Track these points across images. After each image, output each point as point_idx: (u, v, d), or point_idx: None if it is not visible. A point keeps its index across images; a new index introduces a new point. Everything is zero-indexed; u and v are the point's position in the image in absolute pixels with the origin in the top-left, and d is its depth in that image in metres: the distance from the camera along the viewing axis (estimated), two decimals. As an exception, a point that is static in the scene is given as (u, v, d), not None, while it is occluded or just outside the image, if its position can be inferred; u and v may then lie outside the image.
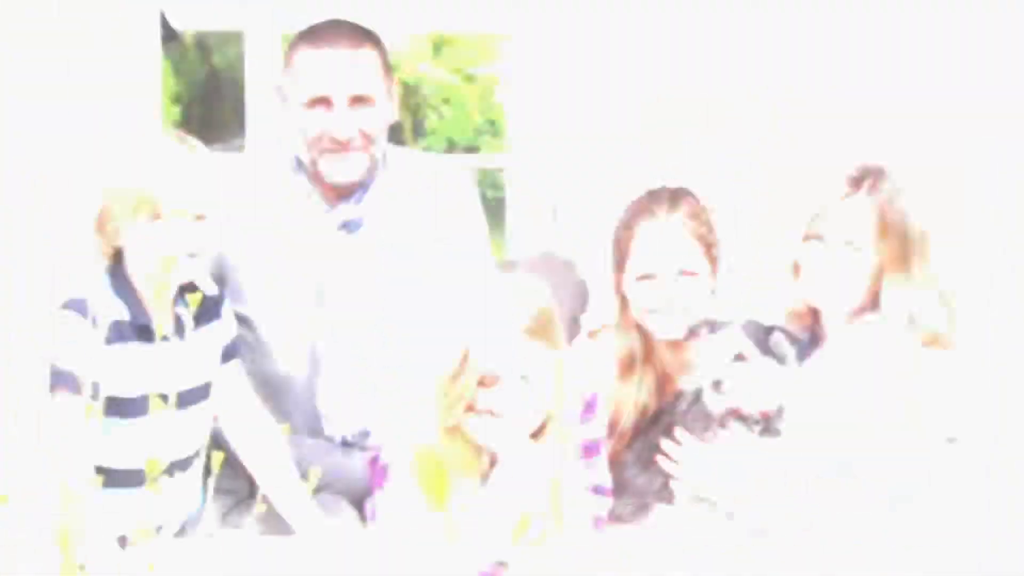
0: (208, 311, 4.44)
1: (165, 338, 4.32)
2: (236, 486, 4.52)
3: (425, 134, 7.43)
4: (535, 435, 4.29)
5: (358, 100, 4.75)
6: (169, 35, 6.13)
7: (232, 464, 4.41)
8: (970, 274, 4.38)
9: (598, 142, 6.49)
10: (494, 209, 5.76)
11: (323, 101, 4.75)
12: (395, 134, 4.91)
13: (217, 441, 4.41)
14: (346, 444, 4.81)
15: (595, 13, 6.58)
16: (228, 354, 4.51)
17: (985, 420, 4.39)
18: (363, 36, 4.83)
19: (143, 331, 4.30)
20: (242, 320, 4.68)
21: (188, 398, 4.36)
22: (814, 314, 4.71)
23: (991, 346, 4.24)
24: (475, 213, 5.03)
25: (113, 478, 4.12)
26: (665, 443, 4.56)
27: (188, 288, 4.31)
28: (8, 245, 4.09)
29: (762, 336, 4.58)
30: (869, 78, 6.26)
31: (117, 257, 4.36)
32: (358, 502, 4.61)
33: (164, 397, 4.12)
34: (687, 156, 6.49)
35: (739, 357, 4.58)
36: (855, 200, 4.61)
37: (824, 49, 6.43)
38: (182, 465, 4.38)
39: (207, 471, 4.33)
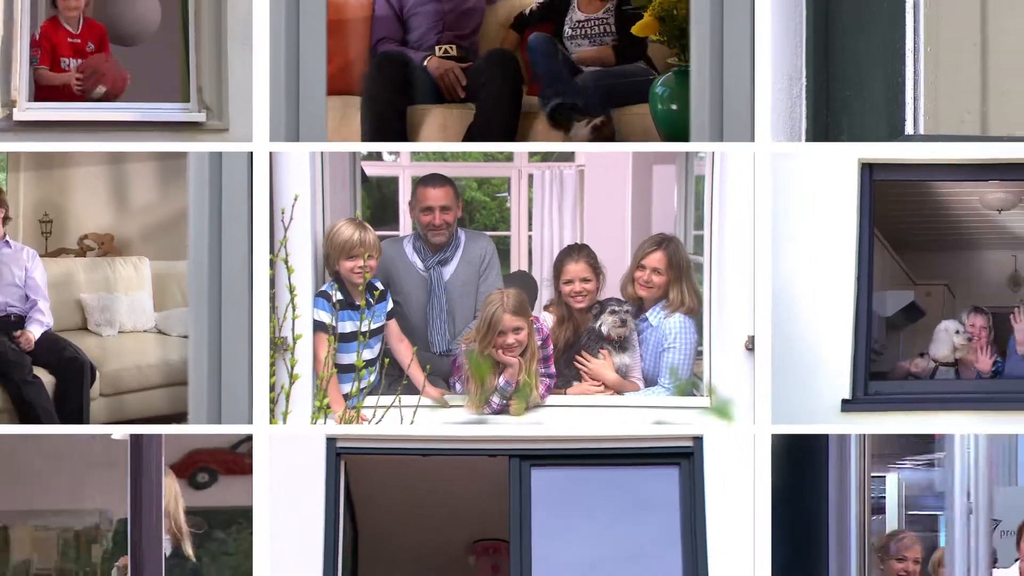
0: (381, 296, 4.39)
1: (363, 311, 4.30)
2: (394, 372, 4.40)
3: (472, 224, 7.12)
4: (522, 354, 4.33)
5: (444, 209, 4.65)
6: (364, 179, 5.79)
7: (393, 363, 4.41)
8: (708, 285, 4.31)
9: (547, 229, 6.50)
10: (503, 255, 5.81)
11: (429, 210, 4.65)
12: (460, 222, 4.81)
13: (385, 352, 4.41)
14: (441, 355, 4.67)
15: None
16: (390, 316, 4.47)
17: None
18: (447, 181, 4.73)
19: (352, 305, 4.31)
20: (397, 303, 4.60)
21: (373, 334, 4.37)
22: (640, 302, 4.62)
23: (719, 310, 4.21)
24: (495, 258, 4.82)
25: (341, 368, 4.31)
26: (577, 357, 4.54)
27: (373, 287, 4.35)
28: (297, 269, 4.16)
29: (627, 307, 4.54)
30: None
31: (338, 273, 4.34)
32: (447, 380, 4.57)
33: (363, 334, 4.29)
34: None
35: (627, 311, 4.50)
36: (658, 251, 4.56)
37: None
38: (372, 364, 4.38)
39: (382, 365, 4.35)
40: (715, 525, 4.11)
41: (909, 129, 4.04)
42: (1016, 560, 4.58)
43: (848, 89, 4.14)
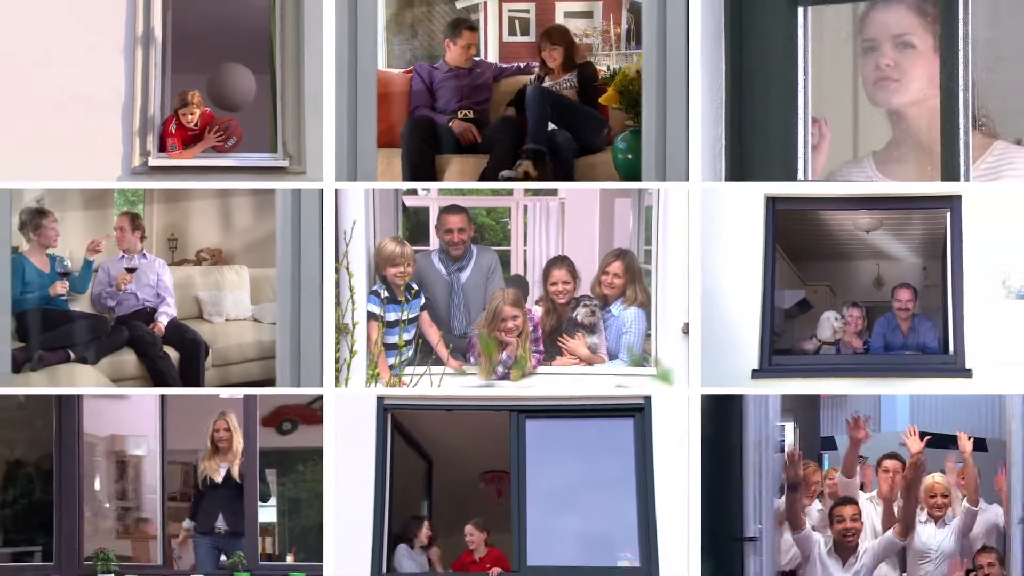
0: (416, 294, 4.34)
1: (403, 304, 4.27)
2: (426, 349, 4.38)
3: (482, 241, 6.85)
4: (519, 336, 4.30)
5: (461, 230, 4.58)
6: (404, 209, 5.18)
7: (425, 342, 4.40)
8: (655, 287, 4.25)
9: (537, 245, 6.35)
10: (504, 264, 5.24)
11: (449, 231, 4.58)
12: (472, 240, 4.64)
13: (419, 335, 4.37)
14: (460, 336, 4.54)
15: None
16: (422, 308, 4.39)
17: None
18: (463, 210, 4.66)
19: (395, 301, 4.30)
20: (427, 299, 4.48)
21: (411, 322, 4.34)
22: (605, 298, 4.46)
23: (663, 304, 4.16)
24: (498, 267, 4.69)
25: (388, 347, 4.28)
26: (559, 338, 4.45)
27: (410, 288, 4.32)
28: (356, 274, 4.11)
29: (595, 301, 4.47)
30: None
31: (385, 277, 4.28)
32: (464, 355, 4.42)
33: (403, 322, 4.29)
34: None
35: (596, 305, 4.44)
36: (618, 261, 4.46)
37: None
38: (409, 343, 4.32)
39: (417, 345, 4.34)
40: (660, 461, 4.17)
41: (800, 175, 4.13)
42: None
43: (756, 145, 4.18)
